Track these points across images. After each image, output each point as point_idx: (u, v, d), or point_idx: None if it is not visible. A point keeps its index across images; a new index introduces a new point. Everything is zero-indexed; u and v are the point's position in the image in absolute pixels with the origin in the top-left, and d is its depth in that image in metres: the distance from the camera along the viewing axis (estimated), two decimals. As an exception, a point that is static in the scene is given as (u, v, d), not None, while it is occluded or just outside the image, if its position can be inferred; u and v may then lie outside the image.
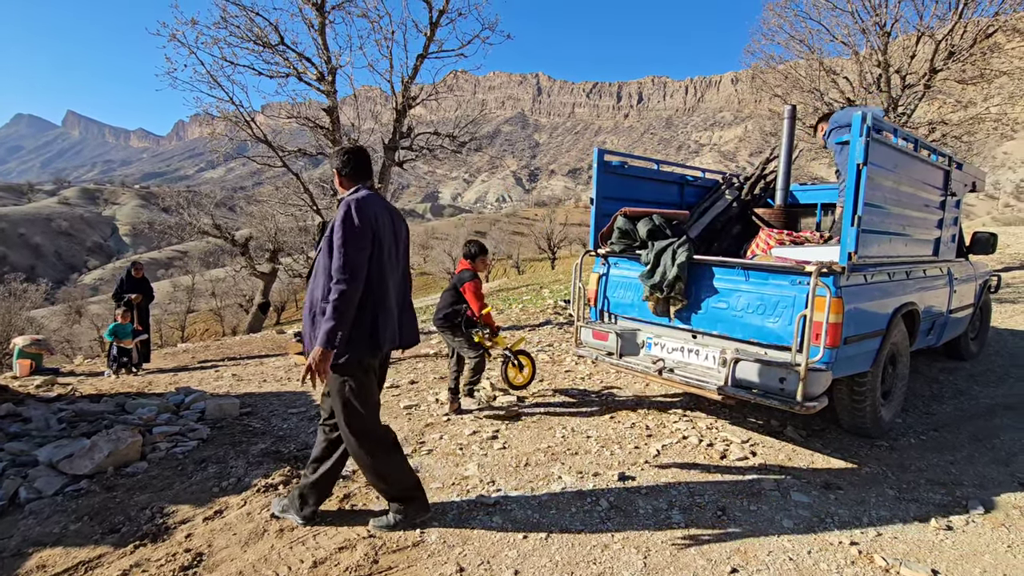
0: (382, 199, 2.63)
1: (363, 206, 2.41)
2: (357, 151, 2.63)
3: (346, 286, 2.29)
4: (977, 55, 10.55)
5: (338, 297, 2.29)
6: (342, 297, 2.29)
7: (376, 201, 2.53)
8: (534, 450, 3.67)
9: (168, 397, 4.85)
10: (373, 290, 2.45)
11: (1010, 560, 2.51)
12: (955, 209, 4.63)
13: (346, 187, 2.63)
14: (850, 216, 3.04)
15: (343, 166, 2.60)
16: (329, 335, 2.28)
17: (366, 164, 2.64)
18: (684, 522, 2.78)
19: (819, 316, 3.01)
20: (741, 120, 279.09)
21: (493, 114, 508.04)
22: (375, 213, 2.45)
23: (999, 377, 5.39)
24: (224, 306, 34.12)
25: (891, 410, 3.98)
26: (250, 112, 8.71)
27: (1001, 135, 12.44)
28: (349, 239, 2.34)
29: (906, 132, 3.59)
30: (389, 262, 2.55)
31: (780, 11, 12.16)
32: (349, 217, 2.35)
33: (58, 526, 2.71)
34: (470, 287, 4.25)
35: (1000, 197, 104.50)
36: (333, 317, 2.28)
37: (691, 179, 5.37)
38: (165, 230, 19.04)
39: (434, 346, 7.41)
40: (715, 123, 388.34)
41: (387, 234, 2.53)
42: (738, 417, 4.32)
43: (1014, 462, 3.56)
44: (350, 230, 2.34)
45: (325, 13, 8.39)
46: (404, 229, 2.78)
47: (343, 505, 2.95)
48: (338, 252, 2.32)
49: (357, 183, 2.60)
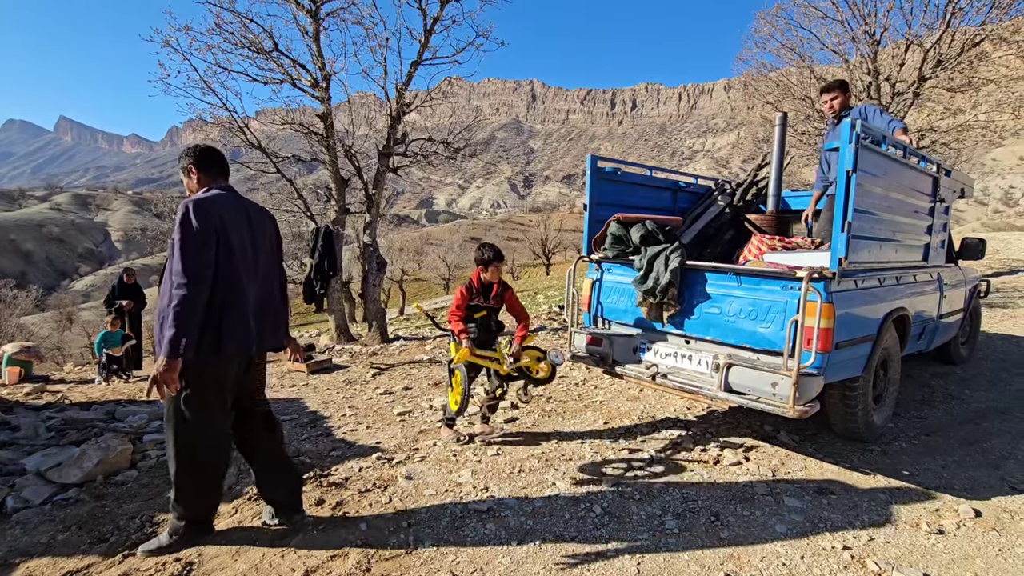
0: (238, 198, 2.53)
1: (203, 205, 2.31)
2: (205, 149, 2.55)
3: (186, 290, 2.18)
4: (965, 63, 10.72)
5: (178, 303, 2.17)
6: (182, 302, 2.17)
7: (225, 201, 2.43)
8: (528, 456, 3.66)
9: (159, 404, 4.81)
10: (217, 293, 2.33)
11: (1001, 564, 2.52)
12: (944, 215, 4.67)
13: (197, 188, 2.52)
14: (840, 222, 3.07)
15: (193, 166, 2.50)
16: (172, 343, 2.16)
17: (217, 162, 2.56)
18: (678, 528, 2.78)
19: (810, 321, 3.03)
20: (734, 127, 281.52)
21: (488, 120, 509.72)
22: (220, 213, 2.34)
23: (989, 381, 5.43)
24: (217, 312, 33.83)
25: (883, 415, 4.00)
26: (244, 118, 8.70)
27: (989, 142, 12.62)
28: (186, 241, 2.23)
29: (895, 139, 3.63)
30: (243, 264, 2.43)
31: (771, 20, 12.33)
32: (186, 218, 2.25)
33: (46, 536, 2.68)
34: (455, 295, 3.90)
35: (989, 203, 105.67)
36: (174, 323, 2.16)
37: (684, 185, 5.40)
38: (158, 236, 19.03)
39: (428, 352, 7.40)
40: (708, 130, 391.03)
41: (239, 235, 2.42)
42: (731, 422, 4.33)
43: (1004, 466, 3.58)
44: (187, 231, 2.24)
45: (319, 19, 8.42)
46: (269, 229, 2.68)
47: (335, 512, 2.93)
48: (177, 255, 2.22)
49: (209, 183, 2.51)
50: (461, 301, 3.74)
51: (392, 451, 3.80)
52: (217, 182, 2.53)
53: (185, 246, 2.23)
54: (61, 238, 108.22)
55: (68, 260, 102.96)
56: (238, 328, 2.40)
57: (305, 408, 4.87)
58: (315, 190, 11.89)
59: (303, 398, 5.22)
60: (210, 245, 2.28)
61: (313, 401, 5.10)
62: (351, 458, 3.67)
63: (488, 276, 3.74)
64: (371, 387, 5.58)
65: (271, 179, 10.06)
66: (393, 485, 3.25)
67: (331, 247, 8.70)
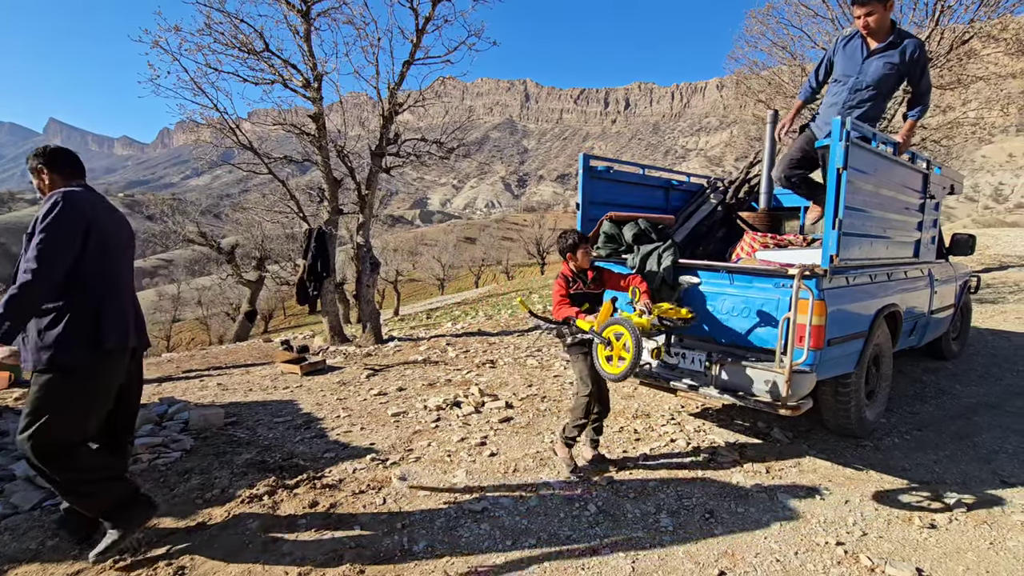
0: (102, 199, 2.52)
1: (73, 198, 2.29)
2: (56, 150, 2.51)
3: (32, 276, 2.13)
4: (954, 61, 10.80)
5: (19, 288, 2.12)
6: (24, 289, 2.12)
7: (94, 196, 2.44)
8: (523, 456, 3.66)
9: (151, 408, 4.77)
10: (94, 286, 2.31)
11: (992, 557, 2.54)
12: (934, 211, 4.71)
13: (50, 189, 2.45)
14: (831, 219, 3.08)
15: (43, 166, 2.44)
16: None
17: (70, 163, 2.51)
18: (672, 525, 2.78)
19: (802, 319, 3.04)
20: (727, 125, 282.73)
21: (481, 120, 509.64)
22: (92, 207, 2.36)
23: (980, 376, 5.48)
24: (210, 315, 33.71)
25: (875, 410, 4.02)
26: (235, 119, 8.64)
27: (979, 139, 12.73)
28: (50, 230, 2.19)
29: (885, 136, 3.65)
30: (117, 258, 2.44)
31: (763, 18, 12.38)
32: (55, 208, 2.21)
33: (35, 542, 2.65)
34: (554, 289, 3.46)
35: (979, 200, 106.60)
36: (5, 306, 2.09)
37: (676, 183, 5.41)
38: (150, 238, 18.84)
39: (423, 353, 7.38)
40: (701, 128, 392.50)
41: (112, 230, 2.44)
42: (725, 420, 4.35)
43: (995, 460, 3.61)
44: (53, 221, 2.20)
45: (310, 19, 8.37)
46: (128, 231, 2.67)
47: (329, 514, 2.91)
48: (35, 243, 2.16)
49: (64, 184, 2.45)
50: (563, 292, 3.41)
51: (386, 452, 3.78)
52: (72, 183, 2.47)
53: (47, 236, 2.18)
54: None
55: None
56: (118, 323, 2.39)
57: (299, 410, 4.85)
58: (308, 191, 11.84)
59: (296, 400, 5.19)
60: (76, 238, 2.26)
61: (307, 403, 5.07)
62: (345, 459, 3.66)
63: (579, 262, 3.40)
64: (365, 388, 5.56)
65: (263, 180, 10.01)
66: (387, 486, 3.24)
67: (324, 248, 8.66)
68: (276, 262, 18.97)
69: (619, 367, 3.01)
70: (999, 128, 13.05)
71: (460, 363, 6.67)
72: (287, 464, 3.56)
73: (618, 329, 3.02)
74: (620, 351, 3.00)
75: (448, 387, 5.49)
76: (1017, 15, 10.81)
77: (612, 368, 3.06)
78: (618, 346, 3.01)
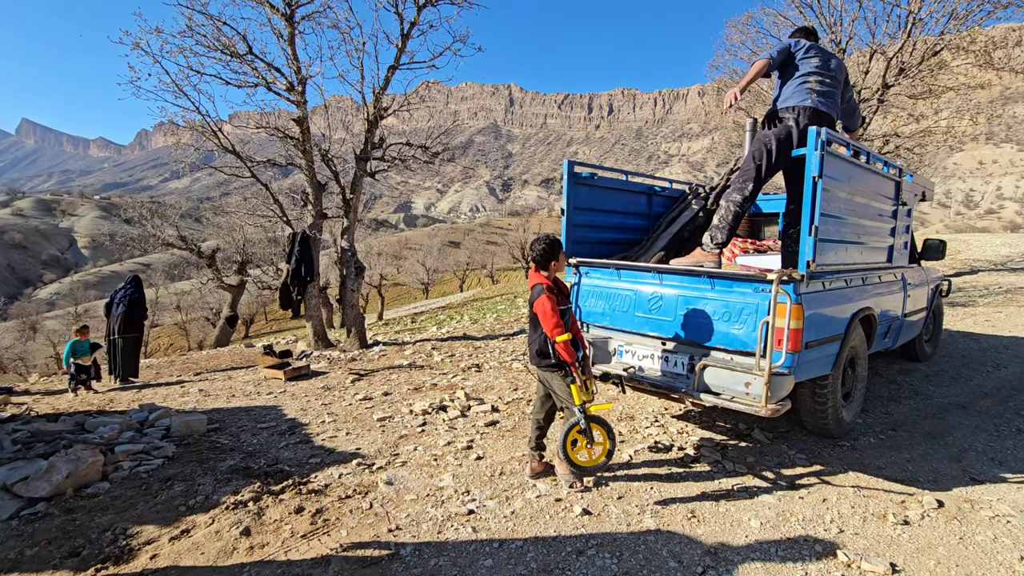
0: None
1: None
2: None
3: None
4: (925, 71, 11.15)
5: None
6: None
7: None
8: (509, 459, 3.68)
9: (131, 414, 4.70)
10: None
11: (962, 551, 2.64)
12: (907, 218, 4.86)
13: None
14: (808, 226, 3.17)
15: None
16: None
17: None
18: (656, 525, 2.83)
19: (781, 322, 3.12)
20: (708, 132, 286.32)
21: (466, 124, 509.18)
22: None
23: (952, 377, 5.65)
24: (190, 320, 33.12)
25: (851, 411, 4.13)
26: (217, 122, 8.56)
27: (950, 147, 13.12)
28: None
29: (858, 145, 3.77)
30: None
31: (742, 28, 12.66)
32: None
33: (13, 552, 2.60)
34: (539, 305, 3.06)
35: (951, 206, 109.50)
36: None
37: (659, 190, 5.50)
38: (127, 242, 18.50)
39: (408, 357, 7.36)
40: (683, 134, 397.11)
41: None
42: (707, 421, 4.42)
43: (965, 458, 3.74)
44: None
45: (294, 23, 8.34)
46: None
47: (315, 520, 2.90)
48: None
49: None
50: (555, 311, 3.03)
51: (372, 457, 3.78)
52: None
53: None
54: (24, 244, 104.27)
55: (31, 267, 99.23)
56: None
57: (283, 415, 4.81)
58: (291, 195, 11.77)
59: (281, 405, 5.15)
60: None
61: (291, 408, 5.04)
62: (331, 465, 3.64)
63: (560, 268, 3.22)
64: (350, 393, 5.54)
65: (245, 183, 9.91)
66: (374, 491, 3.24)
67: (308, 252, 8.60)
68: (258, 266, 18.76)
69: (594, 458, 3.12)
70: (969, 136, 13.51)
71: (446, 367, 6.67)
72: (272, 470, 3.54)
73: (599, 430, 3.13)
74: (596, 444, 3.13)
75: (434, 391, 5.49)
76: (985, 27, 11.22)
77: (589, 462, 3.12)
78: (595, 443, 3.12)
